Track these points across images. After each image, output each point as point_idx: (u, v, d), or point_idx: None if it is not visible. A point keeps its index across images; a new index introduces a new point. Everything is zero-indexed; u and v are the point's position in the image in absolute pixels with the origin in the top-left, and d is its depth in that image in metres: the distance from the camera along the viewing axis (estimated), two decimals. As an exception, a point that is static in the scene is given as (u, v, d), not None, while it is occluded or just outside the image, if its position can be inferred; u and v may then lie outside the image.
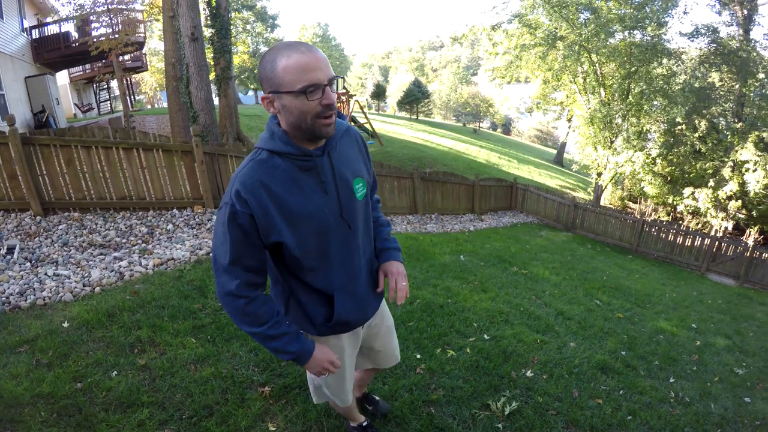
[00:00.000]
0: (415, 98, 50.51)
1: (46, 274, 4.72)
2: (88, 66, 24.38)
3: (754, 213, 18.89)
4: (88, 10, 17.43)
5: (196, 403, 2.85)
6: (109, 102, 29.73)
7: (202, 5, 13.40)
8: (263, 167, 1.57)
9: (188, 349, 3.39)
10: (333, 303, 1.78)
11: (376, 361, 2.29)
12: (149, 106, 39.90)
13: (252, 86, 49.39)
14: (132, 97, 29.75)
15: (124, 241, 5.97)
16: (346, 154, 1.76)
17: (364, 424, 2.65)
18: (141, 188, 6.98)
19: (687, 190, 19.37)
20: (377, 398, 2.91)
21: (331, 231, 1.68)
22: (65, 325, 3.59)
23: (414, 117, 51.16)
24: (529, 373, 3.82)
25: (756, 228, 19.74)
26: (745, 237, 19.10)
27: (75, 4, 17.16)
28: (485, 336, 4.46)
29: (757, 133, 17.94)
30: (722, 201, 18.85)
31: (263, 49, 47.78)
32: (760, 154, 17.41)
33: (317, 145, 1.64)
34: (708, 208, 18.98)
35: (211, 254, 5.70)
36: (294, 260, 1.68)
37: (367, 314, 1.94)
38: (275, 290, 1.87)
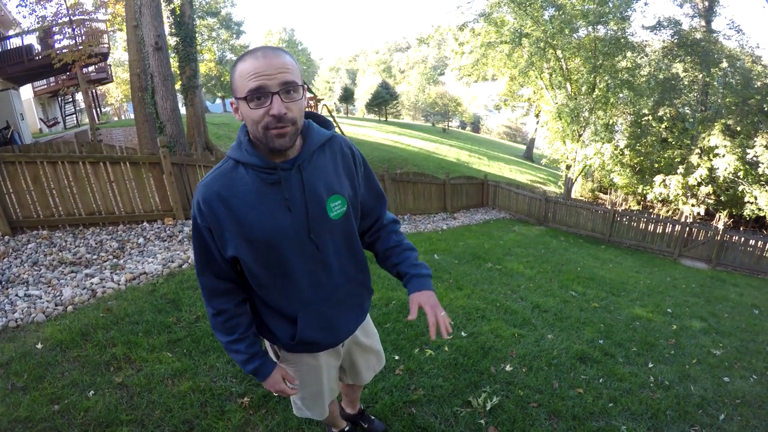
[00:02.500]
0: (383, 100, 50.58)
1: (17, 295, 4.61)
2: (52, 79, 23.95)
3: (722, 198, 19.28)
4: (49, 21, 17.08)
5: (176, 418, 2.81)
6: (75, 115, 29.21)
7: (166, 14, 13.26)
8: (224, 178, 1.51)
9: (165, 364, 3.35)
10: (296, 321, 1.71)
11: (354, 377, 2.21)
12: (116, 118, 39.24)
13: (219, 94, 48.92)
14: (98, 109, 29.29)
15: (94, 257, 5.87)
16: (323, 169, 1.63)
17: (346, 429, 2.64)
18: (110, 202, 6.86)
19: (658, 178, 19.69)
20: (373, 417, 2.87)
21: (295, 251, 1.59)
22: (39, 346, 3.52)
23: (383, 119, 51.22)
24: (508, 368, 3.85)
25: (725, 212, 20.17)
26: (714, 221, 19.50)
27: (36, 16, 16.81)
28: (463, 333, 4.48)
29: (723, 120, 18.30)
30: (692, 187, 19.20)
31: (229, 56, 47.41)
32: (728, 140, 17.77)
33: (286, 158, 1.53)
34: (678, 195, 19.32)
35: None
36: (252, 276, 1.63)
37: (339, 336, 1.85)
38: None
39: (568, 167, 21.16)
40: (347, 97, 55.99)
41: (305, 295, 1.68)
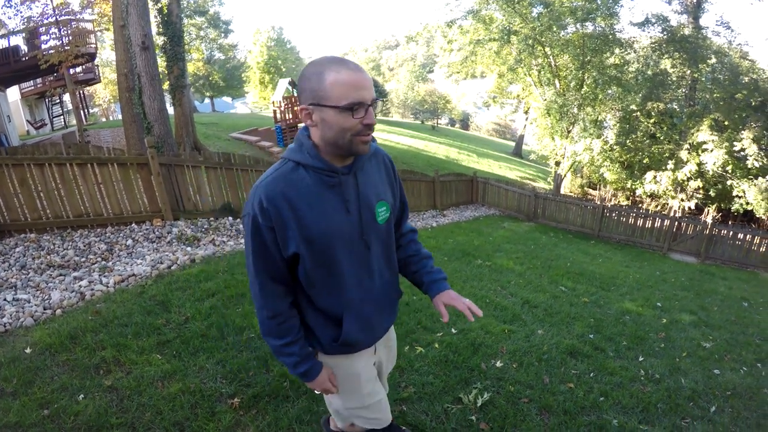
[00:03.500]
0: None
1: (5, 299, 4.56)
2: (39, 80, 23.73)
3: (711, 192, 19.42)
4: (35, 22, 16.94)
5: (166, 420, 2.80)
6: (62, 117, 28.95)
7: (153, 13, 13.21)
8: (287, 179, 1.58)
9: (154, 366, 3.33)
10: (340, 322, 1.77)
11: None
12: (104, 119, 38.89)
13: (208, 94, 48.63)
14: (86, 110, 29.02)
15: (83, 259, 5.82)
16: (372, 176, 1.76)
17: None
18: (98, 204, 6.82)
19: (649, 174, 19.82)
20: (403, 428, 2.78)
21: (348, 250, 1.68)
22: (28, 351, 3.49)
23: (372, 116, 51.02)
24: (498, 364, 3.86)
25: (714, 206, 20.35)
26: (703, 216, 19.64)
27: (22, 17, 16.68)
28: (453, 330, 4.49)
29: (711, 115, 18.45)
30: (682, 182, 19.33)
31: (218, 55, 47.25)
32: (716, 135, 17.91)
33: (345, 163, 1.64)
34: (669, 190, 19.45)
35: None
36: (306, 276, 1.68)
37: (376, 335, 1.92)
38: None
39: (558, 163, 21.24)
40: (336, 95, 55.81)
41: (350, 295, 1.75)
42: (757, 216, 18.74)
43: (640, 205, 22.43)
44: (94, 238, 6.48)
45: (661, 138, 20.26)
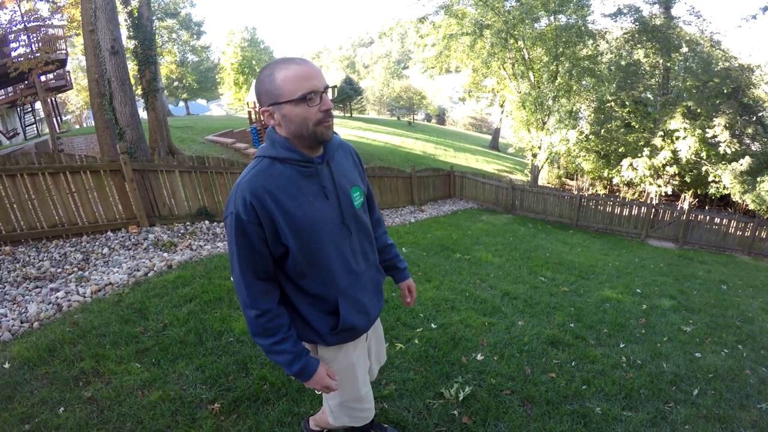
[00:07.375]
0: (347, 96, 50.27)
1: (-20, 314, 4.50)
2: (10, 89, 23.31)
3: (687, 178, 19.68)
4: (4, 29, 16.65)
5: (147, 429, 2.78)
6: (35, 125, 28.51)
7: (123, 16, 13.02)
8: (266, 174, 1.61)
9: (133, 375, 3.30)
10: (336, 310, 1.81)
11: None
12: (77, 126, 38.41)
13: (182, 96, 48.16)
14: (58, 118, 28.60)
15: (59, 270, 5.73)
16: (343, 165, 1.85)
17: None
18: (72, 213, 6.72)
19: (626, 162, 20.02)
20: (385, 426, 2.82)
21: (333, 236, 1.74)
22: (6, 366, 3.43)
23: (348, 115, 51.01)
24: (479, 357, 3.88)
25: (690, 192, 20.62)
26: (680, 202, 19.91)
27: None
28: (432, 325, 4.50)
29: (684, 103, 18.68)
30: (659, 168, 19.55)
31: (191, 57, 46.80)
32: (688, 122, 18.15)
33: (317, 154, 1.71)
34: (646, 176, 19.66)
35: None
36: (296, 267, 1.72)
37: (371, 319, 1.97)
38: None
39: (534, 155, 21.35)
40: (311, 94, 55.66)
41: (341, 281, 1.81)
42: (734, 200, 19.02)
43: (617, 193, 22.66)
44: (70, 248, 6.39)
45: (636, 126, 20.48)
